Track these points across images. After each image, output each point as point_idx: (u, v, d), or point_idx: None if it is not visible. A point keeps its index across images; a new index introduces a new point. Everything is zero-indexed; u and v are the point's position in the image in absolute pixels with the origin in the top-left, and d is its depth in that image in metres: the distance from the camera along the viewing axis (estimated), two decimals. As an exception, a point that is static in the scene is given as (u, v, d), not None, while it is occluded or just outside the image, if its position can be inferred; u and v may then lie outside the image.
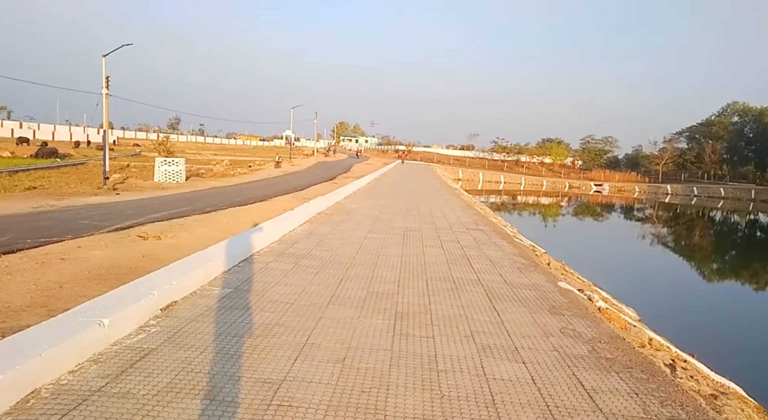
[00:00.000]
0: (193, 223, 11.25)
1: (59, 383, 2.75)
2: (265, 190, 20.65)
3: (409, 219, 11.79)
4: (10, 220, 10.57)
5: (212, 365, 3.19)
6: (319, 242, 7.98)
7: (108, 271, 6.95)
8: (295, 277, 5.69)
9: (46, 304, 5.54)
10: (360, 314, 4.55)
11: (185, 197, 17.16)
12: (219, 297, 4.71)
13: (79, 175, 21.32)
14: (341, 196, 15.44)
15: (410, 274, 6.30)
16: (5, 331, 4.58)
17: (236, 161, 40.09)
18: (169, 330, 3.75)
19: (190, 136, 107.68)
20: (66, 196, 14.88)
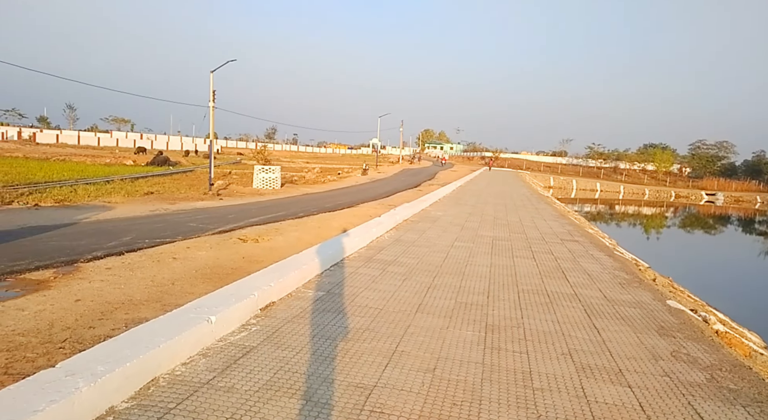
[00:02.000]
0: (288, 228, 11.84)
1: (174, 374, 3.00)
2: (353, 197, 21.23)
3: (497, 228, 11.47)
4: (132, 221, 11.84)
5: (308, 366, 3.30)
6: (405, 249, 8.01)
7: (212, 271, 7.52)
8: (383, 283, 5.75)
9: (161, 299, 6.11)
10: (449, 324, 4.47)
11: (280, 203, 18.14)
12: (313, 299, 4.89)
13: (188, 182, 23.39)
14: (426, 203, 15.42)
15: (500, 285, 6.10)
16: (128, 322, 5.11)
17: (326, 169, 41.69)
18: (268, 329, 3.95)
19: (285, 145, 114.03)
20: (177, 201, 16.38)
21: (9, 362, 4.06)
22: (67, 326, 4.94)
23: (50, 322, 5.01)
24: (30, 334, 4.65)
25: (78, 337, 4.68)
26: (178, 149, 60.00)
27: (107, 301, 5.80)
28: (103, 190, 17.40)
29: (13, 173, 20.10)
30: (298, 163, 49.91)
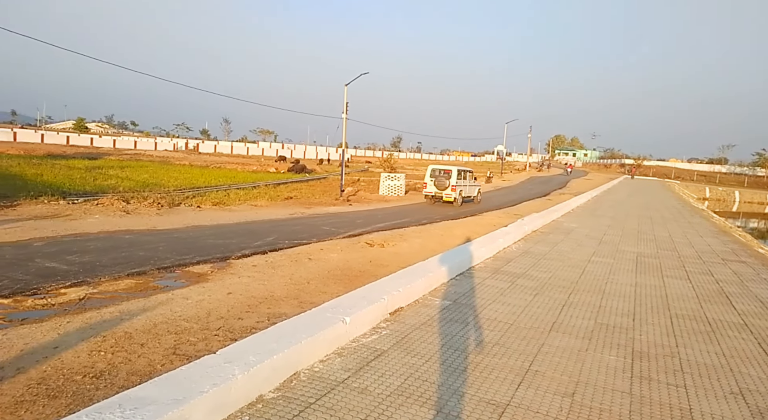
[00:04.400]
0: (411, 234, 12.01)
1: (313, 370, 3.18)
2: (476, 205, 20.81)
3: (642, 243, 10.34)
4: (275, 223, 13.00)
5: (437, 376, 3.26)
6: (535, 262, 7.59)
7: (342, 273, 7.90)
8: (512, 297, 5.50)
9: (298, 296, 6.57)
10: (588, 346, 4.10)
11: (404, 209, 18.51)
12: (440, 308, 4.85)
13: (322, 188, 25.03)
14: (558, 213, 14.50)
15: (648, 307, 5.45)
16: (270, 316, 5.58)
17: (449, 176, 41.51)
18: (397, 334, 4.00)
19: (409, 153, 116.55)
20: (312, 205, 17.61)
21: (177, 344, 4.68)
22: (221, 316, 5.55)
23: (208, 311, 5.68)
24: (192, 321, 5.32)
25: (229, 327, 5.23)
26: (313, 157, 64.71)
27: (253, 296, 6.41)
28: (251, 194, 19.40)
29: (181, 179, 23.41)
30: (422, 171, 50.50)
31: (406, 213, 17.22)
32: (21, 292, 6.04)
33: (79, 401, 3.51)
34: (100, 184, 18.81)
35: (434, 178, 20.11)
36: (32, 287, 6.26)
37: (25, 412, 3.37)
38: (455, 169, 19.91)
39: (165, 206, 14.24)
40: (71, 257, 7.89)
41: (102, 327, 4.97)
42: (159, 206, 14.07)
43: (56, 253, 8.13)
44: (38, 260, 7.59)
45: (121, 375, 3.99)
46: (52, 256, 7.91)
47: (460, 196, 19.95)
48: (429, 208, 19.52)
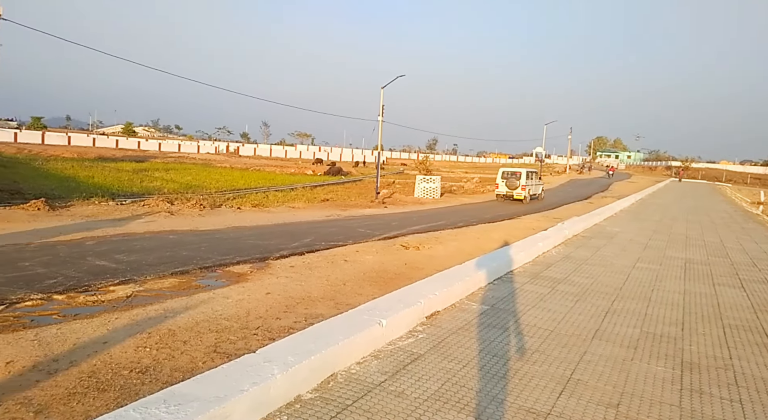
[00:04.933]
0: (447, 237, 11.90)
1: (350, 372, 3.19)
2: (514, 208, 20.45)
3: (690, 249, 9.88)
4: (311, 225, 13.17)
5: (475, 382, 3.20)
6: (576, 267, 7.37)
7: (378, 275, 7.91)
8: (552, 303, 5.36)
9: (334, 297, 6.62)
10: (633, 356, 3.94)
11: (440, 212, 18.38)
12: (477, 312, 4.78)
13: (357, 190, 25.20)
14: (600, 217, 14.05)
15: (698, 316, 5.19)
16: (307, 317, 5.64)
17: (485, 179, 41.06)
18: (433, 338, 3.96)
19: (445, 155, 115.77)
20: (348, 208, 17.74)
21: (217, 342, 4.79)
22: (260, 315, 5.65)
23: (247, 310, 5.80)
24: (232, 319, 5.44)
25: (268, 326, 5.32)
26: (349, 160, 65.33)
27: (290, 296, 6.50)
28: (289, 196, 19.75)
29: (222, 181, 24.10)
30: (457, 173, 50.10)
31: (441, 215, 17.09)
32: (74, 289, 6.35)
33: (125, 395, 3.65)
34: (146, 186, 19.60)
35: (505, 179, 22.74)
36: (84, 284, 6.57)
37: (77, 404, 3.53)
38: (524, 171, 22.60)
39: (207, 207, 14.68)
40: (119, 256, 8.24)
41: (147, 324, 5.16)
42: (201, 207, 14.52)
43: (106, 251, 8.51)
44: (89, 258, 7.97)
45: (165, 371, 4.12)
46: (102, 254, 8.28)
47: (528, 194, 22.58)
48: (465, 210, 19.32)
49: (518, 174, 22.59)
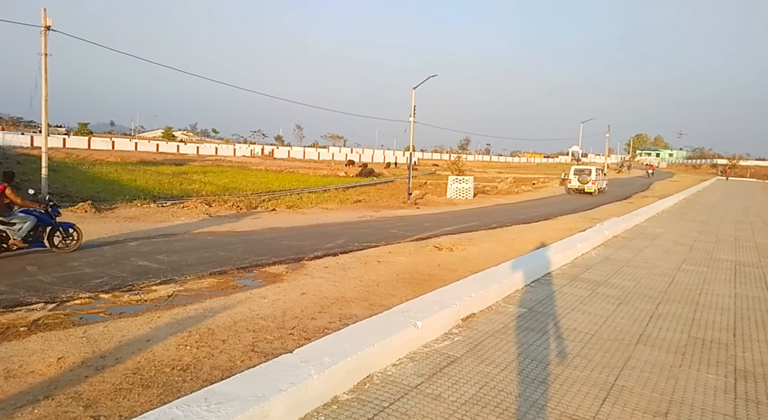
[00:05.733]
0: (481, 238, 11.74)
1: (386, 373, 3.18)
2: (550, 209, 20.00)
3: (740, 251, 9.40)
4: (344, 226, 13.26)
5: (514, 386, 3.13)
6: (617, 269, 7.13)
7: (411, 276, 7.87)
8: (592, 306, 5.19)
9: (368, 298, 6.63)
10: (681, 362, 3.77)
11: (473, 213, 18.18)
12: (514, 315, 4.68)
13: (389, 191, 25.23)
14: (641, 217, 13.56)
15: (752, 322, 4.92)
16: (342, 317, 5.66)
17: (520, 179, 40.37)
18: (470, 341, 3.90)
19: (478, 155, 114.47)
20: (380, 209, 17.78)
21: (255, 341, 4.88)
22: (295, 315, 5.72)
23: (283, 310, 5.87)
24: (269, 319, 5.53)
25: (303, 326, 5.37)
26: (380, 161, 65.52)
27: (325, 296, 6.55)
28: (322, 198, 19.97)
29: (257, 183, 24.60)
30: (491, 174, 49.46)
31: (475, 216, 16.90)
32: (118, 288, 6.60)
33: (168, 392, 3.75)
34: (185, 189, 20.21)
35: (577, 175, 27.73)
36: (128, 284, 6.81)
37: (123, 399, 3.65)
38: (594, 168, 27.95)
39: (243, 209, 15.00)
40: (161, 256, 8.51)
41: (188, 323, 5.30)
42: (238, 209, 14.85)
43: (148, 252, 8.81)
44: (133, 259, 8.26)
45: (204, 369, 4.22)
46: (145, 255, 8.58)
47: (597, 187, 27.28)
48: (499, 210, 19.04)
49: (588, 171, 27.51)
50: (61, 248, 8.51)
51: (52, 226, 8.49)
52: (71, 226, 8.74)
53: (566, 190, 29.34)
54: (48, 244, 8.43)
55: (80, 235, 8.76)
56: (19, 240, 8.08)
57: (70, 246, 8.60)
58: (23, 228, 8.10)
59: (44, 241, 8.42)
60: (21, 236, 8.08)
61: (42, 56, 14.75)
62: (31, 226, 8.17)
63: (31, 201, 8.48)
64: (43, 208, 8.48)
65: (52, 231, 8.48)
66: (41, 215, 8.39)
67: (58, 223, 8.59)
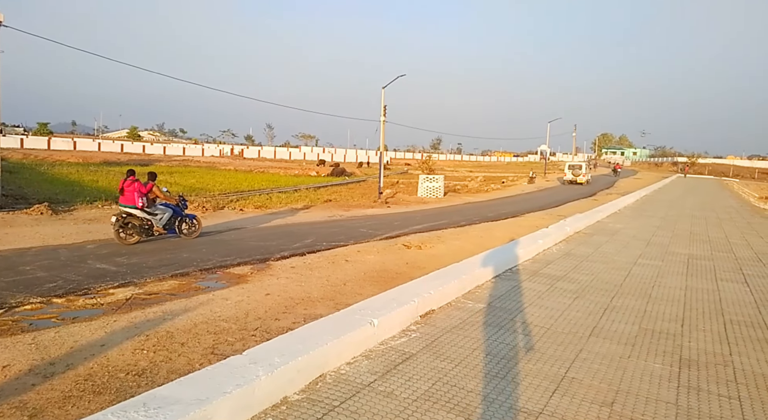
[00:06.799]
0: (449, 236, 11.86)
1: (339, 372, 3.17)
2: (518, 206, 20.37)
3: (694, 245, 9.78)
4: (314, 226, 13.17)
5: (467, 381, 3.17)
6: (577, 264, 7.31)
7: (378, 274, 7.89)
8: (550, 300, 5.31)
9: (334, 297, 6.61)
10: (630, 353, 3.89)
11: (443, 211, 18.34)
12: (473, 311, 4.74)
13: (361, 191, 25.21)
14: (603, 214, 13.94)
15: (699, 312, 5.13)
16: (306, 317, 5.62)
17: (490, 177, 40.94)
18: (427, 337, 3.93)
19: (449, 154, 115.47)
20: (351, 208, 17.73)
21: (215, 344, 4.79)
22: (259, 317, 5.65)
23: (246, 311, 5.80)
24: (231, 321, 5.44)
25: (266, 327, 5.31)
26: (353, 161, 65.36)
27: (290, 297, 6.50)
28: (292, 198, 19.77)
29: (225, 183, 24.17)
30: (462, 172, 49.99)
31: (444, 215, 17.05)
32: (73, 292, 6.38)
33: (121, 398, 3.65)
34: (150, 190, 19.67)
35: (571, 169, 37.04)
36: (83, 287, 6.60)
37: (72, 407, 3.53)
38: (584, 165, 38.02)
39: (210, 210, 14.72)
40: (120, 259, 8.27)
41: (146, 326, 5.17)
42: (204, 210, 14.56)
43: (107, 255, 8.55)
44: (90, 262, 8.01)
45: (161, 373, 4.13)
46: (103, 257, 8.32)
47: (586, 179, 36.21)
48: (468, 209, 19.27)
49: (580, 166, 37.43)
50: (187, 235, 10.49)
51: (182, 217, 10.48)
52: (194, 217, 10.77)
53: (561, 182, 37.24)
54: (177, 231, 10.40)
55: (200, 225, 10.76)
56: (161, 227, 10.04)
57: (192, 234, 10.55)
58: (163, 218, 10.07)
59: (176, 228, 10.38)
60: (162, 224, 10.05)
61: (-7, 53, 14.11)
62: (169, 216, 10.17)
63: (168, 196, 10.42)
64: (176, 202, 10.46)
65: (181, 221, 10.46)
66: (175, 208, 10.37)
67: (186, 214, 10.62)
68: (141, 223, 9.82)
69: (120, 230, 9.63)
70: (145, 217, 9.86)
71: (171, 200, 10.39)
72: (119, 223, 9.63)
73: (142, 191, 9.92)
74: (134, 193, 9.79)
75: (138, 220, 9.79)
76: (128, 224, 9.73)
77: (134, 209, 9.74)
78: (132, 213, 9.73)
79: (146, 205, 9.89)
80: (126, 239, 9.64)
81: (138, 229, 9.77)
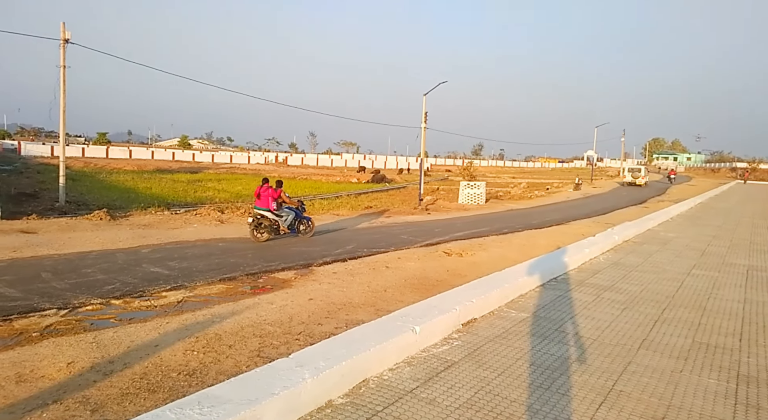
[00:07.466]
0: (491, 243, 11.71)
1: (382, 378, 3.21)
2: (563, 213, 19.85)
3: (755, 255, 9.23)
4: (354, 232, 13.33)
5: (510, 391, 3.14)
6: (625, 274, 7.07)
7: (419, 281, 7.90)
8: (596, 311, 5.17)
9: (375, 304, 6.68)
10: (683, 367, 3.74)
11: (484, 218, 18.12)
12: (515, 320, 4.68)
13: (401, 197, 25.27)
14: (654, 222, 13.39)
15: (759, 327, 4.85)
16: (348, 323, 5.71)
17: (533, 184, 40.08)
18: (469, 346, 3.92)
19: (491, 160, 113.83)
20: (391, 215, 17.82)
21: (261, 347, 4.95)
22: (302, 321, 5.79)
23: (290, 316, 5.95)
24: (275, 325, 5.60)
25: (309, 332, 5.44)
26: (393, 168, 65.58)
27: (332, 302, 6.62)
28: (333, 204, 20.07)
29: (269, 190, 24.85)
30: (504, 179, 49.18)
31: (486, 221, 16.85)
32: (129, 294, 6.74)
33: (174, 396, 3.84)
34: (199, 196, 20.50)
35: (630, 172, 41.07)
36: (139, 290, 6.96)
37: (129, 404, 3.75)
38: (643, 168, 41.95)
39: (254, 216, 15.16)
40: (172, 263, 8.67)
41: (196, 328, 5.40)
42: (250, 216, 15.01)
43: (160, 259, 8.98)
44: (145, 265, 8.43)
45: (210, 374, 4.31)
46: (156, 261, 8.75)
47: (644, 181, 39.58)
48: (511, 216, 18.96)
49: (639, 169, 41.44)
50: (304, 234, 11.95)
51: (300, 218, 11.93)
52: (309, 219, 12.26)
53: (621, 184, 40.62)
54: (297, 231, 11.86)
55: (313, 226, 12.29)
56: (286, 227, 11.53)
57: (307, 233, 12.01)
58: (288, 219, 11.59)
59: (296, 228, 11.83)
60: (287, 224, 11.55)
61: (60, 68, 15.18)
62: (293, 218, 11.70)
63: (291, 201, 11.96)
64: (296, 206, 12.00)
65: (300, 222, 11.90)
66: (297, 211, 11.88)
67: (304, 216, 12.08)
68: (270, 224, 11.34)
69: (254, 230, 11.20)
70: (274, 219, 11.38)
71: (293, 204, 11.95)
72: (254, 223, 11.22)
73: (274, 196, 11.39)
74: (268, 198, 11.31)
75: (268, 221, 11.33)
76: (261, 224, 11.28)
77: (267, 212, 11.31)
78: (264, 215, 11.30)
79: (277, 209, 11.46)
80: (258, 237, 11.19)
81: (268, 228, 11.33)
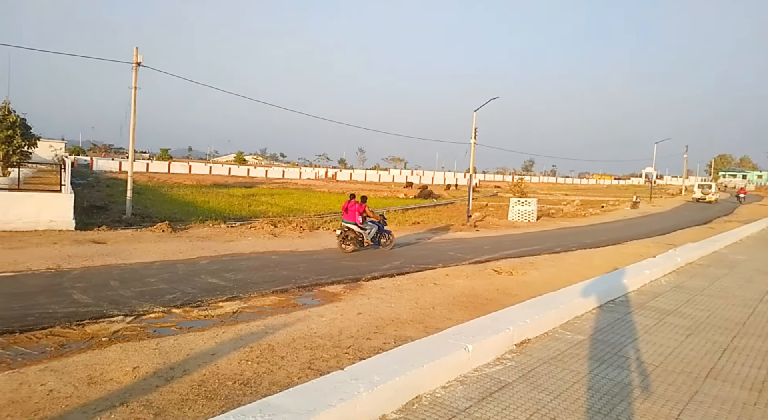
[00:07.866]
0: (543, 262, 11.41)
1: (434, 395, 3.20)
2: (619, 233, 19.04)
3: (838, 280, 8.48)
4: (402, 248, 13.36)
5: (567, 415, 3.04)
6: (689, 298, 6.68)
7: (468, 300, 7.81)
8: (658, 336, 4.91)
9: (423, 320, 6.66)
10: (757, 400, 3.49)
11: (535, 236, 17.67)
12: (571, 342, 4.53)
13: (448, 213, 25.10)
14: (721, 244, 12.58)
15: None
16: (396, 338, 5.73)
17: (587, 201, 38.72)
18: (523, 367, 3.84)
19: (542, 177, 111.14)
20: (439, 231, 17.73)
21: (311, 359, 5.05)
22: (351, 335, 5.86)
23: (340, 329, 6.04)
24: (326, 338, 5.70)
25: (358, 346, 5.49)
26: (440, 183, 65.36)
27: (380, 317, 6.66)
28: (381, 220, 20.25)
29: (320, 205, 25.38)
30: (556, 196, 47.83)
31: (537, 240, 16.43)
32: (189, 304, 7.07)
33: (229, 404, 3.98)
34: (253, 210, 21.25)
35: (700, 188, 42.17)
36: (197, 300, 7.28)
37: (188, 410, 3.92)
38: (713, 184, 43.79)
39: (306, 230, 15.55)
40: (228, 274, 9.02)
41: (250, 339, 5.59)
42: (301, 230, 15.41)
43: (217, 270, 9.36)
44: (203, 276, 8.82)
45: (263, 384, 4.44)
46: (214, 273, 9.12)
47: (715, 198, 40.51)
48: (563, 234, 18.39)
49: (709, 186, 42.80)
50: (384, 246, 12.64)
51: (382, 232, 12.61)
52: (390, 232, 12.98)
53: (691, 200, 41.32)
54: (379, 243, 12.54)
55: (393, 239, 12.98)
56: (369, 239, 12.27)
57: (387, 245, 12.70)
58: (371, 232, 12.31)
59: (378, 240, 12.52)
60: (370, 237, 12.26)
61: (132, 89, 16.32)
62: (376, 231, 12.41)
63: (374, 215, 12.68)
64: (379, 220, 12.69)
65: (381, 235, 12.57)
66: (379, 224, 12.58)
67: (385, 230, 12.76)
68: (356, 236, 12.12)
69: (342, 241, 12.07)
70: (359, 231, 12.11)
71: (376, 218, 12.62)
72: (342, 235, 12.09)
73: (360, 211, 12.17)
74: (355, 212, 12.13)
75: (354, 233, 12.10)
76: (347, 236, 12.10)
77: (354, 225, 12.11)
78: (351, 228, 12.10)
79: (362, 222, 12.19)
80: (345, 248, 12.01)
81: (354, 240, 12.12)
